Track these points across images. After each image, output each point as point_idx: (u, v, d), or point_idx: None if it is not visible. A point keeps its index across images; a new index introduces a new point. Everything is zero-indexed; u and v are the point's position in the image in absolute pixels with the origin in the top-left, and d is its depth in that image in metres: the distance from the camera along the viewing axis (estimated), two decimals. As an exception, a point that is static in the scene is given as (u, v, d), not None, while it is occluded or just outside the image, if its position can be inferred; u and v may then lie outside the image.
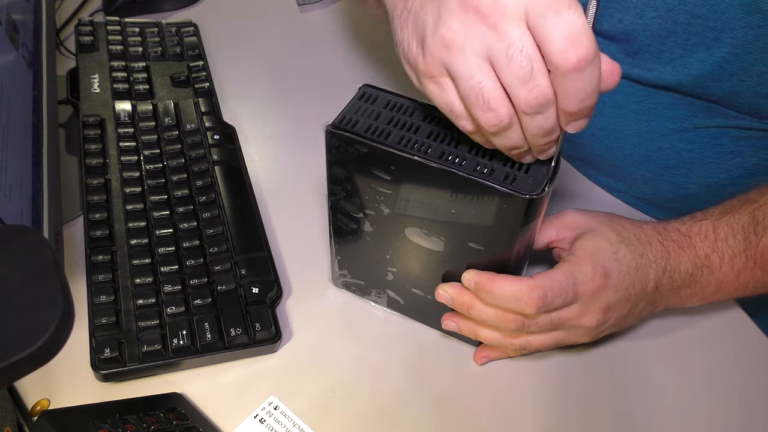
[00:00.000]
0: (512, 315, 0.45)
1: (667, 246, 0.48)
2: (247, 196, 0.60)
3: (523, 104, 0.34)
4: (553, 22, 0.31)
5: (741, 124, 0.55)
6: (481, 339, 0.49)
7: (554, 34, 0.31)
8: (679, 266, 0.48)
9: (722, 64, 0.51)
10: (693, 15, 0.50)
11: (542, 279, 0.44)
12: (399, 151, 0.40)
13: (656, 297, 0.49)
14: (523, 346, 0.48)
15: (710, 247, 0.48)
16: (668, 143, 0.58)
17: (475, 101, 0.35)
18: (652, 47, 0.53)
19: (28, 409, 0.47)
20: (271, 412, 0.48)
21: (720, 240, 0.48)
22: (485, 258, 0.44)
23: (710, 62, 0.51)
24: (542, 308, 0.43)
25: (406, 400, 0.50)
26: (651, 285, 0.47)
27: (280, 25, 0.82)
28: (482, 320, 0.46)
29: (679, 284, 0.48)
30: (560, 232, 0.50)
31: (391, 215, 0.45)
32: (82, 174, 0.59)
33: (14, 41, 0.57)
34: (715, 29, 0.50)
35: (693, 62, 0.52)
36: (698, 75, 0.52)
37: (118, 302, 0.51)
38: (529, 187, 0.38)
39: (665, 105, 0.56)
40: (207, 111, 0.66)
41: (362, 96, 0.44)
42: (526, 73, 0.33)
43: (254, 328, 0.50)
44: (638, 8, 0.53)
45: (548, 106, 0.34)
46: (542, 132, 0.36)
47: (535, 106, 0.34)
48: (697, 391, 0.51)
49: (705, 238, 0.49)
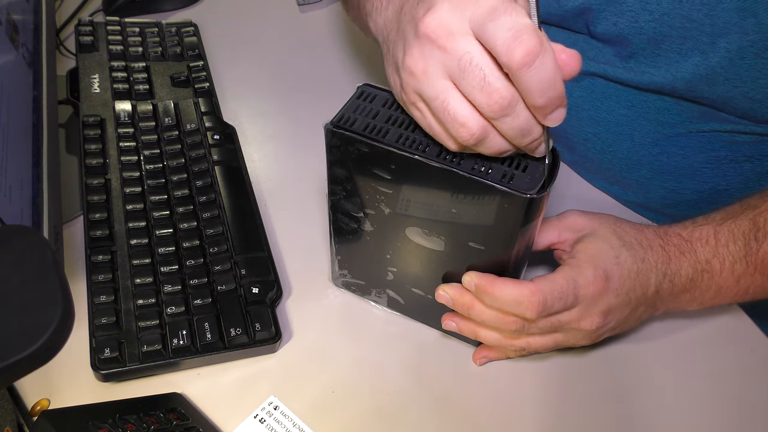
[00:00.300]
0: (512, 317, 0.45)
1: (668, 251, 0.48)
2: (247, 196, 0.60)
3: (487, 110, 0.35)
4: (493, 29, 0.33)
5: (735, 128, 0.55)
6: (481, 339, 0.49)
7: (497, 38, 0.33)
8: (679, 271, 0.48)
9: (717, 69, 0.51)
10: (689, 19, 0.50)
11: (543, 283, 0.44)
12: (399, 150, 0.40)
13: (656, 301, 0.49)
14: (523, 347, 0.48)
15: (711, 252, 0.48)
16: (661, 148, 0.58)
17: (446, 119, 0.37)
18: (647, 51, 0.53)
19: (28, 409, 0.47)
20: (271, 412, 0.48)
21: (721, 245, 0.49)
22: (485, 257, 0.44)
23: (704, 67, 0.51)
24: (542, 312, 0.43)
25: (406, 400, 0.50)
26: (651, 289, 0.47)
27: (280, 25, 0.82)
28: (482, 321, 0.46)
29: (680, 289, 0.48)
30: (562, 234, 0.50)
31: (392, 215, 0.45)
32: (82, 174, 0.59)
33: (14, 41, 0.57)
34: (711, 34, 0.50)
35: (687, 66, 0.52)
36: (692, 79, 0.52)
37: (118, 302, 0.51)
38: (527, 185, 0.38)
39: (658, 109, 0.56)
40: (207, 111, 0.66)
41: (360, 95, 0.44)
42: (480, 81, 0.35)
43: (254, 328, 0.50)
44: (633, 12, 0.53)
45: (512, 107, 0.35)
46: (519, 132, 0.36)
47: (498, 109, 0.35)
48: (697, 393, 0.51)
49: (706, 243, 0.49)
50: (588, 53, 0.58)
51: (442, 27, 0.35)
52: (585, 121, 0.61)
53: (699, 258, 0.48)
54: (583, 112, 0.60)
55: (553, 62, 0.33)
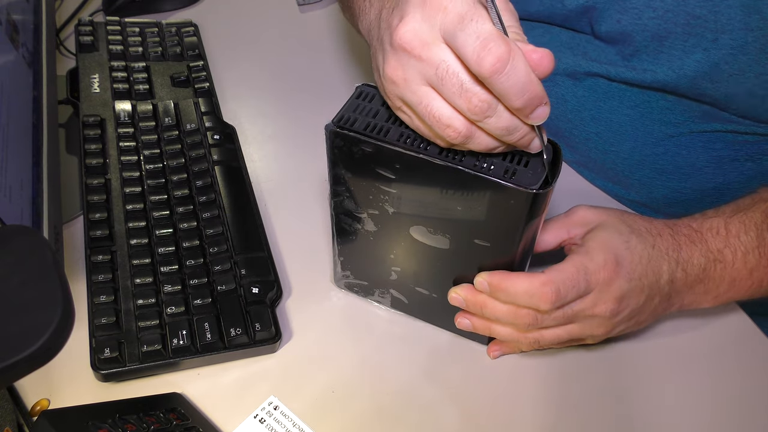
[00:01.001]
0: (525, 311, 0.45)
1: (678, 239, 0.48)
2: (247, 196, 0.60)
3: (469, 113, 0.36)
4: (462, 38, 0.34)
5: (737, 128, 0.55)
6: (495, 335, 0.49)
7: (466, 48, 0.34)
8: (691, 259, 0.48)
9: (720, 65, 0.51)
10: (692, 16, 0.50)
11: (554, 273, 0.44)
12: (402, 149, 0.40)
13: (671, 292, 0.48)
14: (537, 340, 0.48)
15: (722, 242, 0.48)
16: (663, 148, 0.58)
17: (432, 122, 0.38)
18: (650, 48, 0.53)
19: (28, 409, 0.47)
20: (271, 412, 0.48)
21: (732, 236, 0.48)
22: (491, 254, 0.44)
23: (707, 63, 0.51)
24: (556, 302, 0.43)
25: (406, 400, 0.50)
26: (665, 277, 0.47)
27: (280, 25, 0.82)
28: (496, 318, 0.46)
29: (693, 279, 0.48)
30: (571, 230, 0.49)
31: (396, 214, 0.45)
32: (82, 174, 0.59)
33: (14, 41, 0.57)
34: (715, 30, 0.50)
35: (690, 63, 0.52)
36: (695, 76, 0.52)
37: (118, 302, 0.51)
38: (529, 180, 0.38)
39: (660, 109, 0.56)
40: (207, 111, 0.66)
41: (359, 95, 0.44)
42: (458, 87, 0.36)
43: (254, 328, 0.50)
44: (637, 9, 0.53)
45: (492, 108, 0.36)
46: (504, 131, 0.37)
47: (479, 112, 0.36)
48: (697, 393, 0.51)
49: (717, 234, 0.48)
50: (590, 53, 0.58)
51: (416, 38, 0.36)
52: (587, 121, 0.61)
53: (710, 248, 0.48)
54: (585, 111, 0.60)
55: (524, 65, 0.34)
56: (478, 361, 0.52)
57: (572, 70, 0.59)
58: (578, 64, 0.59)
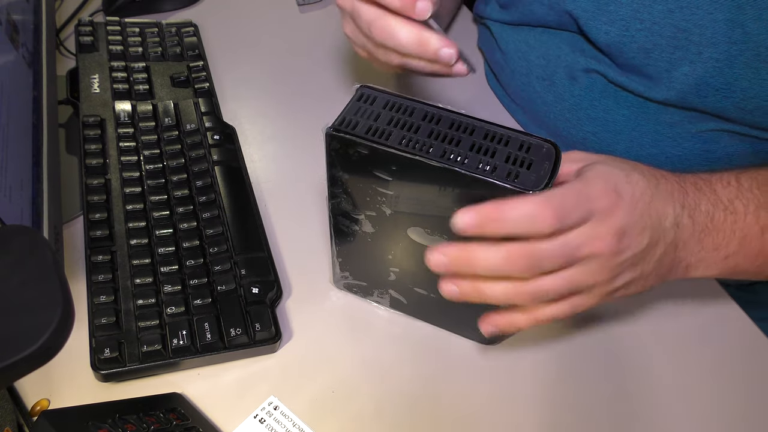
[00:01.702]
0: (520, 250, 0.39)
1: (684, 186, 0.44)
2: (247, 196, 0.60)
3: None
4: None
5: (733, 128, 0.55)
6: (487, 297, 0.42)
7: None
8: (699, 206, 0.44)
9: (706, 79, 0.51)
10: (679, 29, 0.50)
11: (551, 192, 0.38)
12: (401, 152, 0.40)
13: (676, 240, 0.43)
14: (535, 293, 0.41)
15: (734, 193, 0.45)
16: (659, 148, 0.58)
17: None
18: (636, 60, 0.54)
19: (28, 409, 0.47)
20: (271, 412, 0.48)
21: (744, 189, 0.45)
22: None
23: (693, 77, 0.51)
24: (560, 220, 0.38)
25: (406, 400, 0.50)
26: (669, 219, 0.42)
27: (280, 26, 0.82)
28: (487, 269, 0.40)
29: (701, 228, 0.44)
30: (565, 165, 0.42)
31: (393, 215, 0.45)
32: (82, 174, 0.59)
33: (14, 41, 0.57)
34: (699, 43, 0.50)
35: (677, 76, 0.52)
36: (682, 89, 0.52)
37: (118, 302, 0.51)
38: (533, 183, 0.38)
39: (656, 109, 0.56)
40: (207, 111, 0.66)
41: (360, 97, 0.43)
42: None
43: (254, 328, 0.50)
44: (624, 20, 0.53)
45: None
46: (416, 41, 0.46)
47: None
48: (698, 393, 0.51)
49: (728, 184, 0.45)
50: (588, 52, 0.58)
51: None
52: (584, 121, 0.61)
53: (720, 197, 0.44)
54: (582, 111, 0.60)
55: None
56: (477, 360, 0.52)
57: (570, 67, 0.60)
58: (576, 61, 0.59)
